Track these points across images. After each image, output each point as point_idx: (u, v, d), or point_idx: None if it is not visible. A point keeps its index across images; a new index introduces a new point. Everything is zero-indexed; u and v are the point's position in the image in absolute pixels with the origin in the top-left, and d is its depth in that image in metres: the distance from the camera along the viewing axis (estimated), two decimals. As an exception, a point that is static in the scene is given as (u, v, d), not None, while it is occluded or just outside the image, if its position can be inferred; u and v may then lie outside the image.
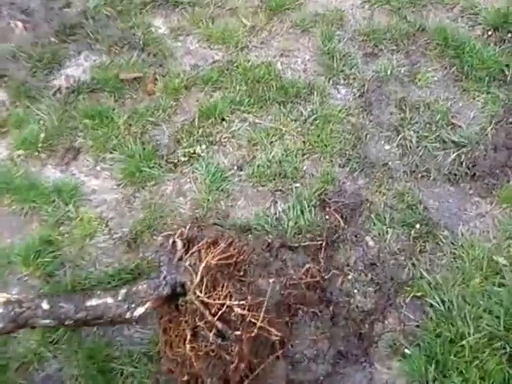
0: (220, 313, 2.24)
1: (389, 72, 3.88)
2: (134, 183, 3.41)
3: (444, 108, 3.70)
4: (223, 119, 3.70)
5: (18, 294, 2.79)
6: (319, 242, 2.98)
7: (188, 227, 2.54)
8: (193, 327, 2.36)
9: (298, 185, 3.34)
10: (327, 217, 3.16)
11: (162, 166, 3.47)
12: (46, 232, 3.23)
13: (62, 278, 3.06)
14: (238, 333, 2.22)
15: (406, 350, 2.65)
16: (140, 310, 2.35)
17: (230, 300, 2.25)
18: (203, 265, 2.30)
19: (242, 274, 2.42)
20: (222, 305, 2.25)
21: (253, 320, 2.23)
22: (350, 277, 2.94)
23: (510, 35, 4.02)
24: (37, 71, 4.05)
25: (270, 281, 2.40)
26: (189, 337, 2.32)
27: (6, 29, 4.30)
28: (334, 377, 2.59)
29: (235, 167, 3.46)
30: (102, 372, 2.67)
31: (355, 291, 2.89)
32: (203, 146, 3.55)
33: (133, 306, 2.34)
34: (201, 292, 2.29)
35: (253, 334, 2.22)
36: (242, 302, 2.24)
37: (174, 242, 2.51)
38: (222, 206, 3.26)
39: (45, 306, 2.26)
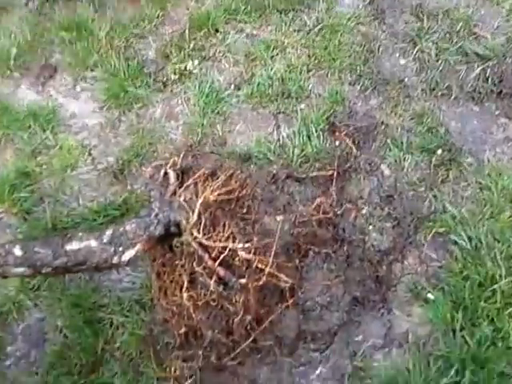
0: (222, 257, 1.93)
1: (402, -26, 3.41)
2: (119, 105, 3.02)
3: (465, 16, 3.29)
4: (217, 30, 3.30)
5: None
6: (329, 173, 2.64)
7: (181, 156, 2.19)
8: (190, 273, 2.07)
9: (303, 106, 2.98)
10: (337, 143, 2.81)
11: (149, 85, 3.08)
12: (22, 163, 2.89)
13: (41, 214, 2.74)
14: (244, 281, 1.91)
15: (429, 295, 2.36)
16: (129, 254, 2.05)
17: (233, 242, 1.94)
18: (200, 201, 1.98)
19: (245, 211, 2.09)
20: (224, 248, 1.95)
21: (260, 266, 1.92)
22: (364, 211, 2.62)
23: None
24: (5, -23, 3.56)
25: (278, 219, 2.07)
26: (186, 284, 2.03)
27: None
28: (349, 326, 2.32)
29: (232, 86, 3.08)
30: (88, 322, 2.39)
31: (370, 228, 2.57)
32: (195, 62, 3.15)
33: (120, 249, 2.03)
34: (198, 232, 1.98)
35: (260, 283, 1.92)
36: (247, 245, 1.93)
37: (165, 173, 2.18)
38: (218, 132, 2.89)
39: (17, 252, 1.95)
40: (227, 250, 1.93)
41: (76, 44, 3.26)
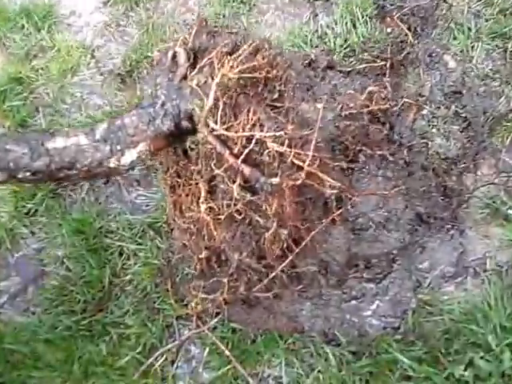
0: (246, 151, 1.45)
1: None
2: (125, -1, 2.53)
3: None
4: None
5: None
6: (381, 63, 2.11)
7: (193, 32, 1.69)
8: (209, 179, 1.60)
9: (345, -12, 2.42)
10: (389, 30, 2.28)
11: (160, -28, 2.57)
12: (15, 68, 2.46)
13: (37, 127, 2.30)
14: (276, 180, 1.44)
15: (510, 211, 1.86)
16: (130, 155, 1.59)
17: (261, 131, 1.45)
18: (217, 80, 1.49)
19: (276, 96, 1.59)
20: (250, 139, 1.46)
21: (297, 161, 1.44)
22: (425, 112, 2.11)
23: None
24: None
25: (319, 106, 1.56)
26: (203, 193, 1.56)
27: None
28: (411, 250, 1.85)
29: (259, -34, 2.53)
30: (93, 251, 1.99)
31: (434, 131, 2.07)
32: None
33: (118, 148, 1.57)
34: (216, 122, 1.50)
35: (297, 183, 1.43)
36: (279, 133, 1.44)
37: (174, 54, 1.69)
38: (243, 23, 2.38)
39: (-17, 151, 1.50)
40: (253, 141, 1.45)
41: None
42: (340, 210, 1.65)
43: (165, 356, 1.80)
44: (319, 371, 1.70)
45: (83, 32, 2.52)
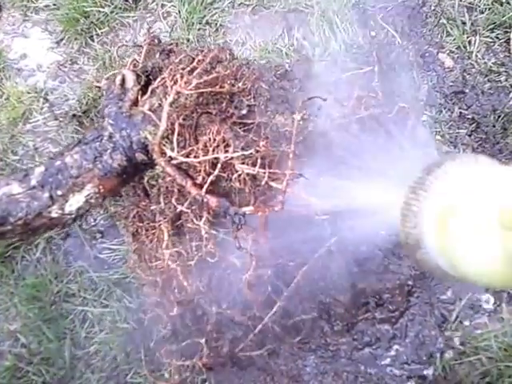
0: (211, 178, 1.17)
1: None
2: (79, 35, 2.27)
3: None
4: None
5: None
6: (367, 69, 1.85)
7: (144, 51, 1.43)
8: (172, 218, 1.31)
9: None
10: (373, 33, 2.02)
11: (115, 3, 2.31)
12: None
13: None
14: (249, 208, 1.15)
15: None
16: (75, 201, 1.32)
17: (226, 151, 1.17)
18: (170, 99, 1.21)
19: (244, 112, 1.31)
20: (215, 164, 1.18)
21: (273, 184, 1.15)
22: (425, 118, 1.86)
23: None
24: None
25: (296, 116, 1.27)
26: (166, 236, 1.27)
27: None
28: (429, 278, 1.54)
29: (222, -14, 2.29)
30: (51, 320, 1.67)
31: (438, 138, 1.80)
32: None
33: (59, 193, 1.29)
34: (172, 150, 1.22)
35: (277, 210, 1.14)
36: (248, 152, 1.15)
37: (122, 78, 1.42)
38: (209, 45, 2.12)
39: None
40: (218, 165, 1.16)
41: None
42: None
43: None
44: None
45: (35, 75, 2.27)
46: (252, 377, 1.44)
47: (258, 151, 1.14)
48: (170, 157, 1.24)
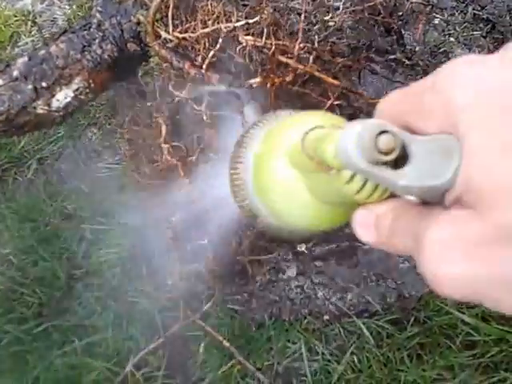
0: (212, 53, 1.04)
1: None
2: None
3: None
4: None
5: None
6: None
7: None
8: (170, 112, 1.19)
9: None
10: None
11: None
12: None
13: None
14: (257, 80, 1.02)
15: None
16: (64, 95, 1.19)
17: (228, 21, 1.04)
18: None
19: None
20: (216, 40, 1.05)
21: (282, 58, 1.02)
22: (437, 21, 1.71)
23: None
24: None
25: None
26: (164, 130, 1.16)
27: None
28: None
29: None
30: (46, 241, 1.54)
31: (452, 40, 1.66)
32: None
33: (44, 84, 1.17)
34: (168, 32, 1.09)
35: (287, 79, 1.01)
36: (252, 21, 1.02)
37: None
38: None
39: None
40: (220, 36, 1.03)
41: None
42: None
43: (149, 361, 1.37)
44: (352, 353, 1.27)
45: (23, 0, 2.14)
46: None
47: (263, 18, 1.01)
48: (164, 39, 1.11)
